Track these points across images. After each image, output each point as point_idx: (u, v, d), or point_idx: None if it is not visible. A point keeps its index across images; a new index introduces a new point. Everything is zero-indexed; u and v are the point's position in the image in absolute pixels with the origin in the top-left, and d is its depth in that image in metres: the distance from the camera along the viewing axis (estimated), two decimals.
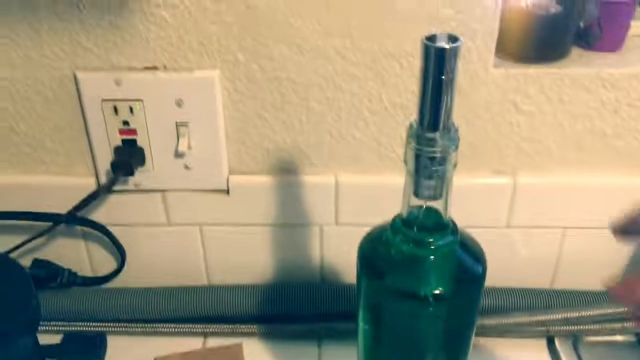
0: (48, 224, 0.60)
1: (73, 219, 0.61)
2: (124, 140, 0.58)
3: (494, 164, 0.59)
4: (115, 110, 0.56)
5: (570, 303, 0.61)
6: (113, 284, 0.67)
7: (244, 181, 0.61)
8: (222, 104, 0.57)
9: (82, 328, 0.63)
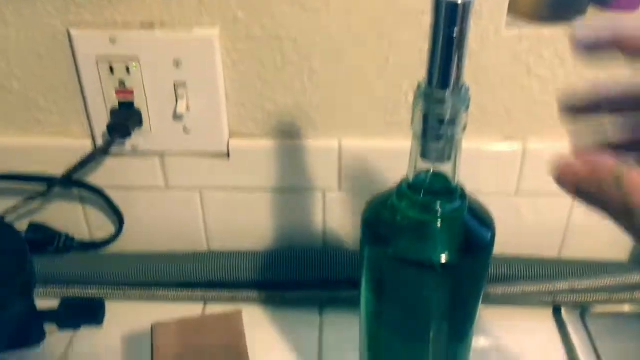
0: (43, 187, 0.59)
1: (69, 182, 0.60)
2: (120, 101, 0.56)
3: (503, 129, 0.57)
4: (111, 69, 0.54)
5: (578, 272, 0.60)
6: (111, 249, 0.66)
7: (245, 144, 0.59)
8: (222, 64, 0.55)
9: (80, 293, 0.62)
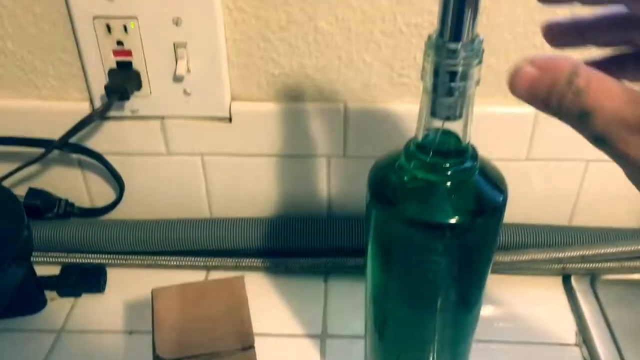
0: (41, 151, 0.57)
1: (67, 146, 0.58)
2: (118, 62, 0.54)
3: None
4: (109, 28, 0.52)
5: (589, 240, 0.59)
6: (111, 216, 0.64)
7: (247, 108, 0.57)
8: (223, 23, 0.52)
9: (81, 260, 0.61)
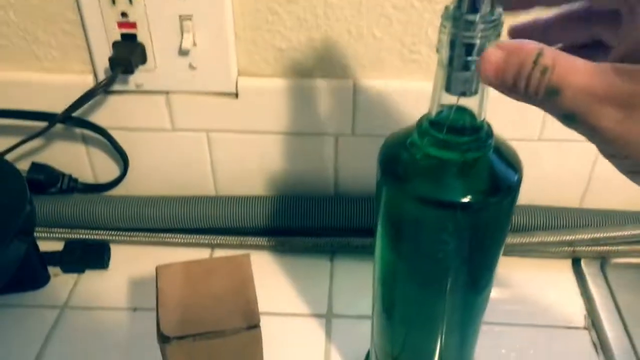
0: (44, 125, 0.56)
1: (70, 120, 0.57)
2: (123, 35, 0.53)
3: None
4: None
5: (599, 223, 0.58)
6: (115, 192, 0.64)
7: (254, 84, 0.56)
8: None
9: (85, 236, 0.61)
